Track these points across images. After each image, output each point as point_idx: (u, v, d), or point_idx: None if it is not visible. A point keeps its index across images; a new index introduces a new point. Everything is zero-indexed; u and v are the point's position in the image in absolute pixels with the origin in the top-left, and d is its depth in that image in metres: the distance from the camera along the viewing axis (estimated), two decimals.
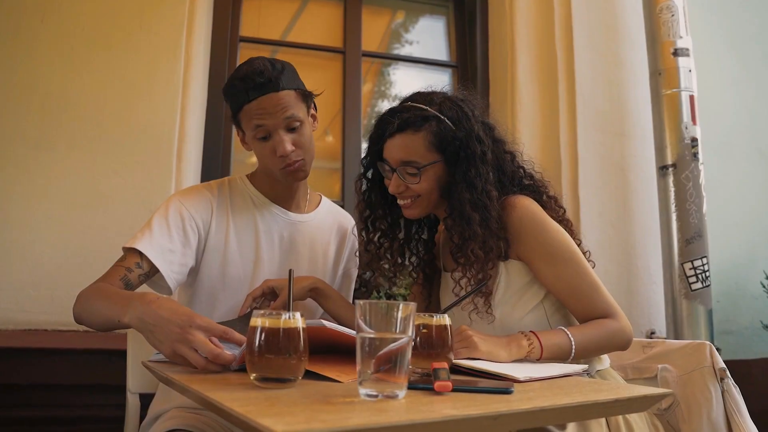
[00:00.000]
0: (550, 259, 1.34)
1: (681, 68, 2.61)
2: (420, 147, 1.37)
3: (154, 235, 1.38)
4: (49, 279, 2.19)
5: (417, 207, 1.42)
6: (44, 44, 2.35)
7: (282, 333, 0.87)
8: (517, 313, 1.37)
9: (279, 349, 0.87)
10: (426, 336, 1.07)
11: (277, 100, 1.42)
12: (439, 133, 1.37)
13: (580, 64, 2.83)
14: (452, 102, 1.41)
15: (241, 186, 1.57)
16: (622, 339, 1.31)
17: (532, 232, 1.35)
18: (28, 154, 2.26)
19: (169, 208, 1.44)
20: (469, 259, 1.34)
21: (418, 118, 1.37)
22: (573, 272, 1.33)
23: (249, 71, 1.41)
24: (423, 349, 1.05)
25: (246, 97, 1.41)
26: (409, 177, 1.38)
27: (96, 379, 2.05)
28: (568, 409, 0.82)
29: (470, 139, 1.37)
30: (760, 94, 3.22)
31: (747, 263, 2.95)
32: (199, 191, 1.51)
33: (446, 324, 1.08)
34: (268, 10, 3.06)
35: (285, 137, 1.43)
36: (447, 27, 3.34)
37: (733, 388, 1.43)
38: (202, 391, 0.82)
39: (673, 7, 2.65)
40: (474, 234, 1.33)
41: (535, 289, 1.38)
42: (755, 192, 3.08)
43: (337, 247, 1.67)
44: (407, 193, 1.41)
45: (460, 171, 1.36)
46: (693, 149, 2.56)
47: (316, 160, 1.57)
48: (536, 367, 1.14)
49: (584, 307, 1.33)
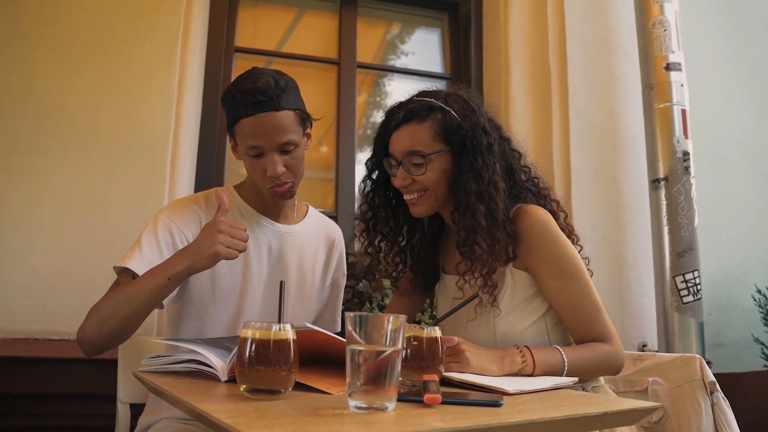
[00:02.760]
0: (558, 273, 1.32)
1: (673, 83, 2.63)
2: (425, 136, 1.35)
3: (145, 253, 1.37)
4: (41, 287, 2.18)
5: (424, 203, 1.39)
6: (40, 52, 2.36)
7: (272, 344, 0.87)
8: (519, 325, 1.35)
9: (269, 360, 0.87)
10: (416, 348, 1.07)
11: (276, 121, 1.38)
12: (445, 122, 1.35)
13: (573, 76, 2.85)
14: (458, 96, 1.40)
15: (229, 197, 1.56)
16: (614, 364, 1.31)
17: (544, 244, 1.33)
18: (21, 161, 2.26)
19: (157, 225, 1.42)
20: (474, 252, 1.31)
21: (424, 108, 1.36)
22: (579, 290, 1.32)
23: (251, 88, 1.36)
24: (413, 361, 1.05)
25: (244, 111, 1.37)
26: (415, 168, 1.35)
27: (87, 389, 2.04)
28: (557, 422, 0.83)
29: (476, 129, 1.35)
30: (752, 109, 3.25)
31: (738, 276, 2.97)
32: (187, 205, 1.50)
33: (437, 336, 1.08)
34: (263, 20, 3.07)
35: (277, 159, 1.40)
36: (442, 39, 3.37)
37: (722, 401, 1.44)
38: (191, 402, 0.82)
39: (666, 22, 2.68)
40: (479, 225, 1.30)
41: (538, 302, 1.37)
42: (747, 205, 3.10)
43: (326, 257, 1.67)
44: (413, 186, 1.38)
45: (467, 161, 1.34)
46: (685, 163, 2.57)
47: (310, 170, 1.58)
48: (526, 380, 1.14)
49: (583, 326, 1.32)
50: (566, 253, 1.33)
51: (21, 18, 2.37)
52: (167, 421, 1.39)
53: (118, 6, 2.46)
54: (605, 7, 2.99)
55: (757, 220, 3.05)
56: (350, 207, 2.89)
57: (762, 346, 2.71)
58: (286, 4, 3.18)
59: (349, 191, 2.90)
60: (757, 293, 2.81)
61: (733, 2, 3.34)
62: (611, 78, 2.93)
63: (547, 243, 1.33)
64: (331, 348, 1.05)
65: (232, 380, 1.01)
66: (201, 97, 2.68)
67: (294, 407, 0.82)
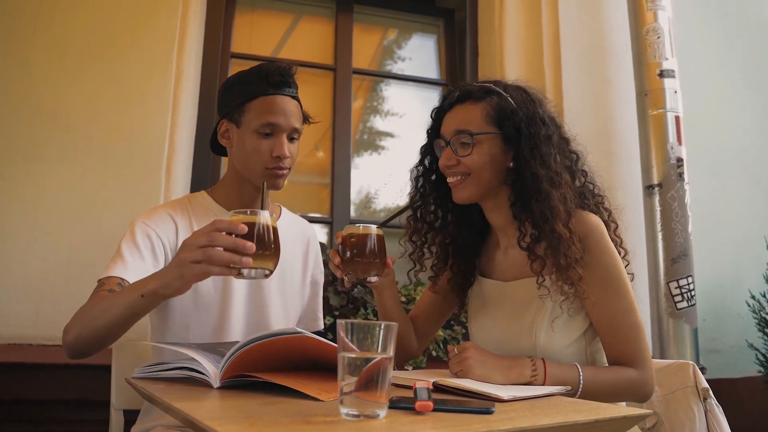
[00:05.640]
0: (603, 285, 1.26)
1: (667, 89, 2.64)
2: (477, 117, 1.32)
3: (127, 261, 1.36)
4: (35, 293, 2.18)
5: (466, 188, 1.33)
6: (36, 57, 2.36)
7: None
8: (563, 341, 1.29)
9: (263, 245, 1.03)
10: (353, 245, 1.22)
11: (292, 106, 1.46)
12: (500, 107, 1.32)
13: (567, 83, 2.86)
14: (519, 86, 1.38)
15: (202, 202, 1.55)
16: (639, 391, 1.25)
17: (596, 252, 1.26)
18: (17, 166, 2.26)
19: (135, 232, 1.41)
20: (552, 241, 1.22)
21: (481, 90, 1.34)
22: (621, 307, 1.26)
23: (278, 68, 1.44)
24: (351, 258, 1.21)
25: (265, 89, 1.44)
26: (462, 148, 1.31)
27: (80, 395, 2.04)
28: (547, 429, 0.83)
29: (533, 118, 1.30)
30: (746, 115, 3.27)
31: (733, 282, 2.98)
32: (161, 212, 1.49)
33: (372, 234, 1.21)
34: (259, 26, 3.08)
35: (286, 141, 1.45)
36: (438, 45, 3.38)
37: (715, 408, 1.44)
38: (183, 410, 0.82)
39: (659, 29, 2.69)
40: (556, 212, 1.23)
41: (581, 318, 1.31)
42: (741, 211, 3.12)
43: (303, 256, 1.66)
44: (457, 168, 1.32)
45: (528, 147, 1.28)
46: (679, 169, 2.58)
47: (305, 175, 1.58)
48: (522, 387, 1.14)
49: (618, 345, 1.26)
50: (615, 266, 1.28)
51: (17, 23, 2.37)
52: (161, 428, 1.38)
53: (115, 11, 2.47)
54: (599, 14, 3.01)
55: (752, 226, 3.06)
56: (346, 212, 2.89)
57: (756, 351, 2.72)
58: (283, 10, 3.19)
59: (344, 197, 2.91)
60: (751, 299, 2.82)
61: (726, 9, 3.37)
62: (605, 84, 2.94)
63: (599, 252, 1.27)
64: (323, 353, 1.05)
65: (224, 387, 1.02)
66: (197, 103, 2.68)
67: (285, 414, 0.83)
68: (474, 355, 1.19)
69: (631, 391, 1.25)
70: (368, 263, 1.25)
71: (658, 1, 2.71)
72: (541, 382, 1.19)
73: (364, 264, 1.25)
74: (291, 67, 1.48)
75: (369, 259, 1.25)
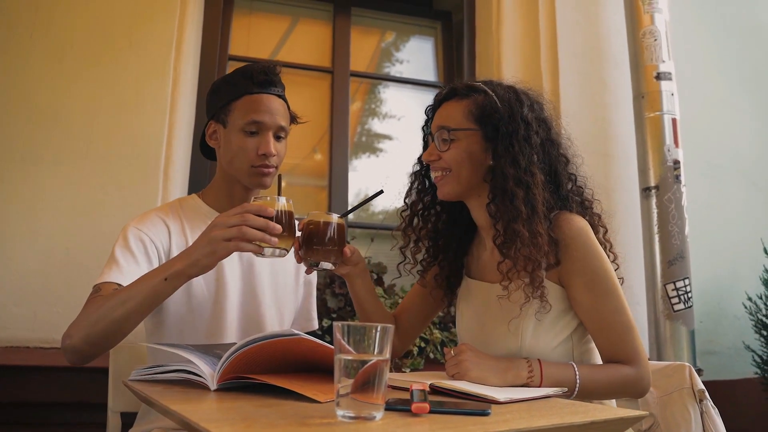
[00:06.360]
0: (592, 287, 1.27)
1: (663, 92, 2.65)
2: (458, 114, 1.35)
3: (122, 266, 1.35)
4: (33, 295, 2.18)
5: (447, 184, 1.35)
6: (34, 60, 2.36)
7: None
8: (550, 342, 1.30)
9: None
10: (311, 232, 1.28)
11: (278, 105, 1.48)
12: (483, 105, 1.34)
13: (565, 85, 2.87)
14: (510, 87, 1.38)
15: (193, 205, 1.55)
16: (634, 388, 1.26)
17: (582, 254, 1.27)
18: (15, 168, 2.26)
19: (128, 237, 1.41)
20: (514, 244, 1.24)
21: (466, 88, 1.37)
22: (612, 307, 1.27)
23: (262, 68, 1.47)
24: (308, 244, 1.28)
25: (250, 88, 1.46)
26: (442, 144, 1.34)
27: (78, 398, 2.04)
28: (543, 431, 0.83)
29: (514, 117, 1.31)
30: (743, 118, 3.28)
31: (729, 284, 2.99)
32: (154, 216, 1.49)
33: (331, 222, 1.28)
34: (257, 28, 3.09)
35: (272, 139, 1.47)
36: (435, 47, 3.39)
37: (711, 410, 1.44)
38: (180, 412, 0.82)
39: (656, 31, 2.70)
40: (517, 212, 1.24)
41: (568, 319, 1.32)
42: (738, 213, 3.12)
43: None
44: (438, 164, 1.36)
45: (502, 146, 1.30)
46: (675, 171, 2.59)
47: (303, 177, 1.59)
48: (517, 388, 1.15)
49: (612, 345, 1.27)
50: (603, 267, 1.28)
51: (15, 26, 2.38)
52: (159, 431, 1.38)
53: (112, 14, 2.47)
54: (596, 17, 3.02)
55: (748, 228, 3.07)
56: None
57: (753, 353, 2.73)
58: (280, 13, 3.20)
59: (342, 199, 2.91)
60: (748, 301, 2.82)
61: (723, 12, 3.38)
62: (602, 87, 2.95)
63: (585, 254, 1.27)
64: (319, 355, 1.06)
65: (221, 389, 1.02)
66: (194, 106, 2.69)
67: (282, 416, 0.83)
68: (470, 357, 1.19)
69: (627, 388, 1.27)
70: (327, 251, 1.30)
71: (655, 3, 2.72)
72: (538, 383, 1.19)
73: (323, 251, 1.30)
74: (276, 66, 1.50)
75: (327, 247, 1.30)
